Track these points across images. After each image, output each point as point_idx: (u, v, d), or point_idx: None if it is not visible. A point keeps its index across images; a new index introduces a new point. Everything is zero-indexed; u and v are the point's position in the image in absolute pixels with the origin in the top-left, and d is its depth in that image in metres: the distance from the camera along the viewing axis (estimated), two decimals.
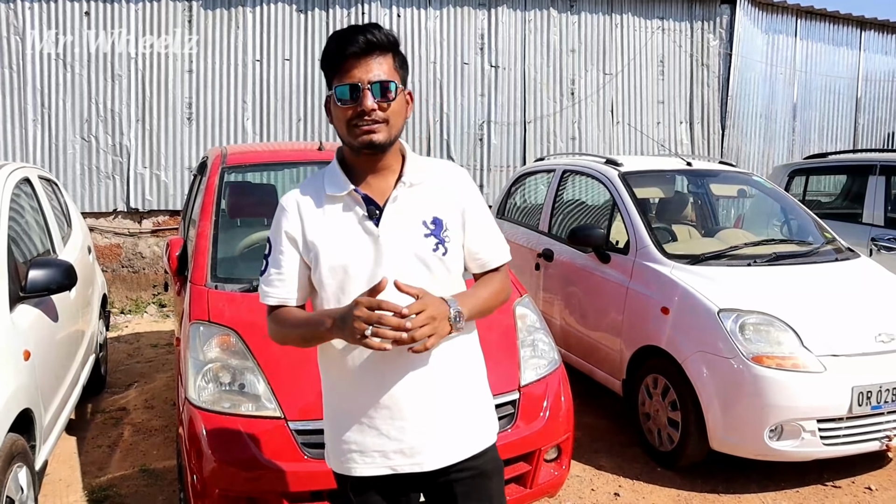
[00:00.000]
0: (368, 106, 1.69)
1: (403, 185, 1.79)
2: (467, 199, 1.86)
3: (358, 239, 1.77)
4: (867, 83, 11.19)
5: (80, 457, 4.27)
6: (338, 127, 1.78)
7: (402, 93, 1.77)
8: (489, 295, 1.86)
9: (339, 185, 1.80)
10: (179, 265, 3.77)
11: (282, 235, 1.83)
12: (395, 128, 1.76)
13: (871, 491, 3.86)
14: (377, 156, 1.78)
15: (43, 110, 7.94)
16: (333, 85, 1.74)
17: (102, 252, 8.08)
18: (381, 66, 1.73)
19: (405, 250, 1.76)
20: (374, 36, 1.71)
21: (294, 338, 1.82)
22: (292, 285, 1.83)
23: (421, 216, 1.79)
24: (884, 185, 6.33)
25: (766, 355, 3.68)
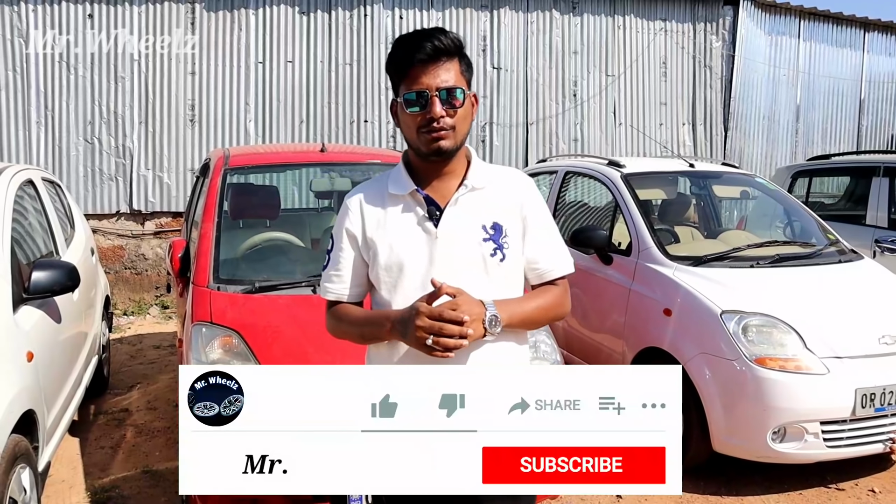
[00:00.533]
0: (437, 113, 1.70)
1: (465, 188, 1.80)
2: (530, 207, 1.85)
3: (416, 238, 1.78)
4: (871, 85, 11.17)
5: (82, 458, 4.27)
6: (405, 132, 1.80)
7: (468, 97, 1.78)
8: (537, 307, 1.83)
9: (402, 185, 1.82)
10: (182, 266, 3.78)
11: (343, 233, 1.86)
12: (461, 133, 1.77)
13: (874, 493, 3.85)
14: (443, 161, 1.79)
15: (46, 112, 7.96)
16: (401, 92, 1.76)
17: (105, 253, 8.09)
18: (449, 71, 1.74)
19: (462, 253, 1.76)
20: (441, 42, 1.72)
21: (353, 335, 1.86)
22: (349, 282, 1.86)
23: (481, 220, 1.79)
24: (887, 187, 6.32)
25: (768, 357, 3.67)
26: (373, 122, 8.73)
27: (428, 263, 1.76)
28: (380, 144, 8.71)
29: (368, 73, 8.68)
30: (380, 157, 4.85)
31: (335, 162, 4.73)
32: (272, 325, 3.14)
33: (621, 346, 4.47)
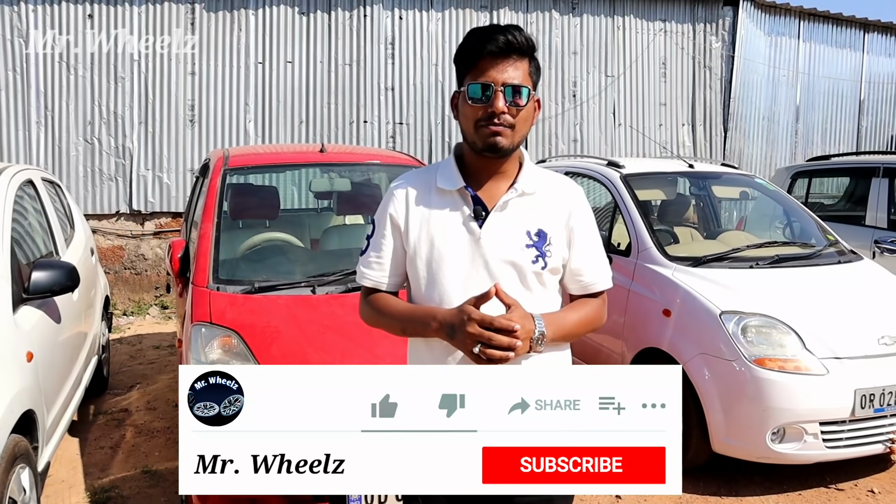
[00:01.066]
0: (499, 108, 1.68)
1: (514, 191, 1.77)
2: (578, 218, 1.82)
3: (459, 236, 1.76)
4: (870, 85, 11.17)
5: (82, 458, 4.28)
6: (463, 124, 1.77)
7: (532, 99, 1.75)
8: (579, 321, 1.82)
9: (452, 180, 1.80)
10: (181, 267, 3.78)
11: (386, 220, 1.84)
12: (519, 134, 1.74)
13: (874, 494, 3.85)
14: (497, 159, 1.76)
15: (46, 112, 7.96)
16: (466, 82, 1.72)
17: (105, 254, 8.09)
18: (517, 69, 1.70)
19: (503, 256, 1.74)
20: (515, 38, 1.69)
21: (393, 327, 1.84)
22: (389, 270, 1.86)
23: (526, 226, 1.77)
24: (887, 188, 6.33)
25: (768, 358, 3.68)
26: (372, 123, 8.73)
27: (468, 263, 1.75)
28: (379, 145, 8.71)
29: (368, 74, 8.68)
30: (379, 158, 4.86)
31: (334, 162, 4.73)
32: (271, 326, 3.14)
33: (620, 347, 4.48)
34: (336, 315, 3.24)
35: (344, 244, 4.38)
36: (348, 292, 3.41)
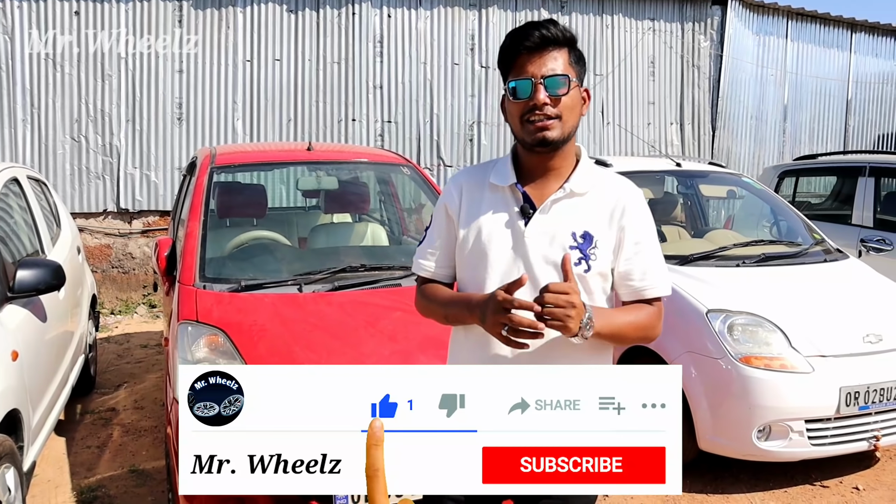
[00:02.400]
0: (540, 100, 1.67)
1: (563, 191, 1.76)
2: (630, 220, 1.76)
3: (504, 232, 1.77)
4: (857, 85, 11.25)
5: (68, 457, 4.25)
6: (511, 123, 1.77)
7: (576, 88, 1.73)
8: (628, 322, 1.77)
9: (505, 176, 1.80)
10: (168, 265, 3.76)
11: (443, 212, 1.88)
12: (568, 124, 1.72)
13: (858, 491, 3.88)
14: (549, 154, 1.75)
15: (32, 110, 7.91)
16: (508, 81, 1.74)
17: (92, 252, 8.05)
18: (556, 60, 1.71)
19: (545, 256, 1.73)
20: (549, 31, 1.70)
21: (439, 315, 1.86)
22: (443, 261, 1.88)
23: (572, 227, 1.74)
24: (873, 187, 6.38)
25: (754, 356, 3.70)
26: (361, 121, 8.72)
27: (510, 260, 1.75)
28: (368, 143, 8.70)
29: (356, 72, 8.66)
30: (367, 156, 4.85)
31: (322, 161, 4.72)
32: (258, 324, 3.13)
33: None
34: (323, 313, 3.23)
35: (331, 242, 4.38)
36: (335, 291, 3.41)
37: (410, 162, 4.71)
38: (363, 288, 3.44)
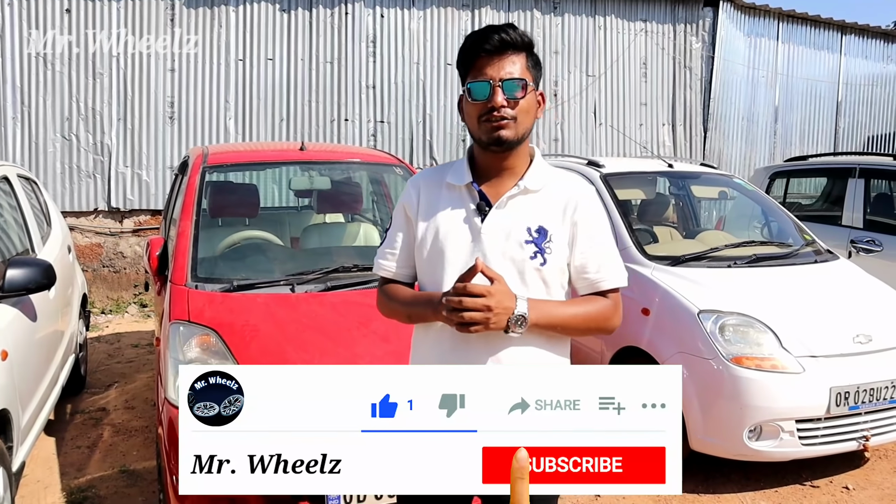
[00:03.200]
0: (498, 102, 1.73)
1: (518, 188, 1.81)
2: (583, 215, 1.82)
3: (461, 230, 1.82)
4: (847, 87, 11.32)
5: (58, 458, 4.23)
6: (468, 123, 1.82)
7: (532, 92, 1.79)
8: (574, 314, 1.81)
9: (461, 176, 1.86)
10: (160, 265, 3.75)
11: (402, 213, 1.93)
12: (523, 126, 1.78)
13: (848, 490, 3.90)
14: (504, 154, 1.80)
15: (23, 108, 7.86)
16: (466, 82, 1.79)
17: (83, 251, 8.01)
18: (514, 64, 1.76)
19: (502, 251, 1.78)
20: (508, 35, 1.75)
21: (401, 314, 1.90)
22: (403, 261, 1.93)
23: (527, 222, 1.79)
24: (863, 188, 6.41)
25: (745, 356, 3.71)
26: (353, 121, 8.71)
27: (468, 256, 1.79)
28: (360, 143, 8.69)
29: (349, 72, 8.65)
30: (359, 156, 4.84)
31: (315, 160, 4.71)
32: (250, 324, 3.12)
33: (599, 346, 4.50)
34: (315, 314, 3.23)
35: (324, 242, 4.37)
36: (327, 291, 3.40)
37: (403, 162, 4.71)
38: (356, 288, 3.44)
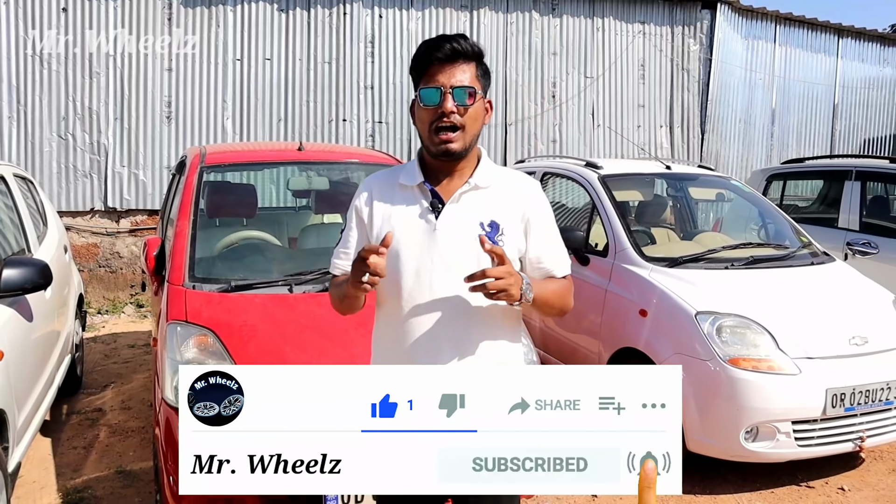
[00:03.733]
0: (448, 108, 1.81)
1: (469, 185, 1.91)
2: (533, 209, 1.94)
3: (416, 228, 1.88)
4: (844, 90, 11.34)
5: (54, 458, 4.22)
6: (419, 128, 1.90)
7: (481, 100, 1.89)
8: (553, 290, 1.94)
9: (413, 176, 1.93)
10: (157, 265, 3.74)
11: (353, 213, 2.00)
12: (470, 134, 1.87)
13: (843, 491, 3.91)
14: (453, 161, 1.90)
15: (19, 107, 7.84)
16: (419, 88, 1.87)
17: (79, 251, 7.99)
18: (465, 73, 1.85)
19: (458, 246, 1.85)
20: (460, 45, 1.84)
21: (336, 300, 1.99)
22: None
23: (479, 217, 1.88)
24: (859, 191, 6.42)
25: (742, 357, 3.72)
26: (351, 121, 8.71)
27: (424, 253, 1.86)
28: (358, 143, 8.69)
29: (347, 72, 8.65)
30: (358, 157, 4.84)
31: (313, 161, 4.71)
32: (248, 325, 3.12)
33: (597, 347, 4.50)
34: (313, 314, 3.22)
35: (322, 243, 4.36)
36: (326, 291, 3.38)
37: (401, 162, 4.70)
38: None
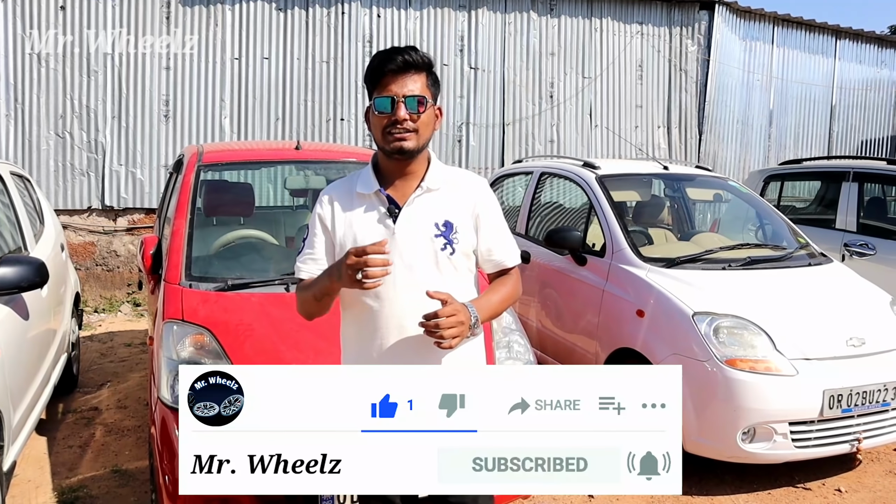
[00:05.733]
0: (401, 116, 1.93)
1: (422, 189, 2.02)
2: (482, 206, 2.08)
3: (377, 234, 1.98)
4: (842, 91, 11.35)
5: (50, 457, 4.21)
6: (374, 133, 2.01)
7: (431, 107, 2.01)
8: (501, 299, 2.06)
9: (369, 184, 2.04)
10: (154, 263, 3.73)
11: (316, 220, 2.09)
12: (423, 137, 1.99)
13: (840, 493, 3.91)
14: (406, 161, 2.00)
15: (16, 105, 7.82)
16: (373, 97, 1.98)
17: (76, 250, 7.97)
18: (416, 82, 1.97)
19: (416, 247, 1.97)
20: (411, 56, 1.96)
21: (309, 300, 2.03)
22: (322, 264, 2.06)
23: (434, 218, 2.01)
24: (856, 192, 6.43)
25: (739, 358, 3.72)
26: (349, 121, 8.70)
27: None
28: (356, 143, 8.68)
29: (345, 71, 8.64)
30: (355, 156, 4.83)
31: (310, 160, 4.70)
32: (244, 323, 3.11)
33: (594, 347, 4.50)
34: None
35: None
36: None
37: None
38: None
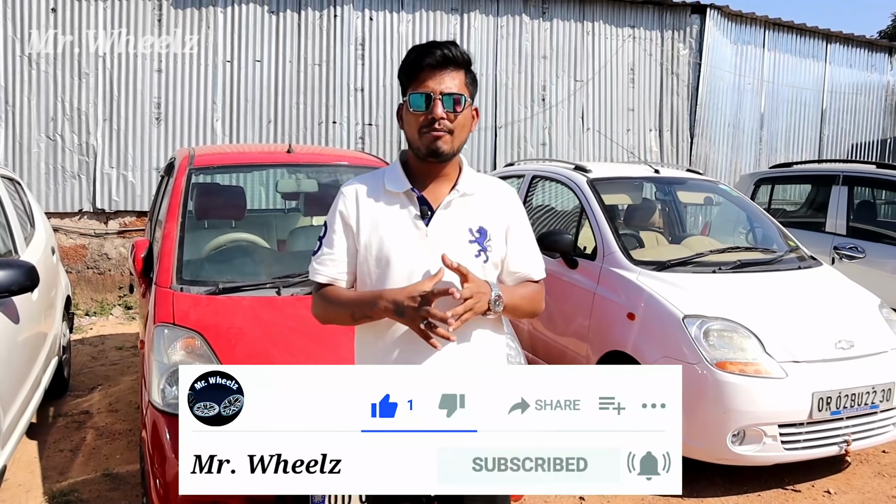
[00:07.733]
0: (438, 114, 1.83)
1: (457, 192, 1.92)
2: (513, 216, 1.99)
3: (407, 235, 1.89)
4: (832, 95, 11.42)
5: (40, 461, 4.19)
6: (408, 132, 1.91)
7: (469, 107, 1.90)
8: (524, 296, 1.96)
9: (399, 183, 1.93)
10: (145, 267, 3.73)
11: (337, 219, 1.96)
12: (458, 139, 1.89)
13: (829, 494, 3.93)
14: (439, 164, 1.90)
15: (7, 108, 7.80)
16: (408, 93, 1.88)
17: (67, 253, 7.95)
18: (454, 79, 1.86)
19: (449, 252, 1.84)
20: (451, 51, 1.86)
21: (342, 315, 1.92)
22: (343, 266, 1.95)
23: (468, 223, 1.91)
24: (846, 195, 6.47)
25: (729, 361, 3.73)
26: (341, 124, 8.70)
27: (416, 259, 1.86)
28: (348, 146, 8.68)
29: (338, 74, 8.65)
30: (347, 159, 4.84)
31: (302, 163, 4.70)
32: (236, 327, 3.11)
33: (585, 350, 4.51)
34: (301, 316, 3.21)
35: (311, 245, 4.33)
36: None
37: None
38: None
